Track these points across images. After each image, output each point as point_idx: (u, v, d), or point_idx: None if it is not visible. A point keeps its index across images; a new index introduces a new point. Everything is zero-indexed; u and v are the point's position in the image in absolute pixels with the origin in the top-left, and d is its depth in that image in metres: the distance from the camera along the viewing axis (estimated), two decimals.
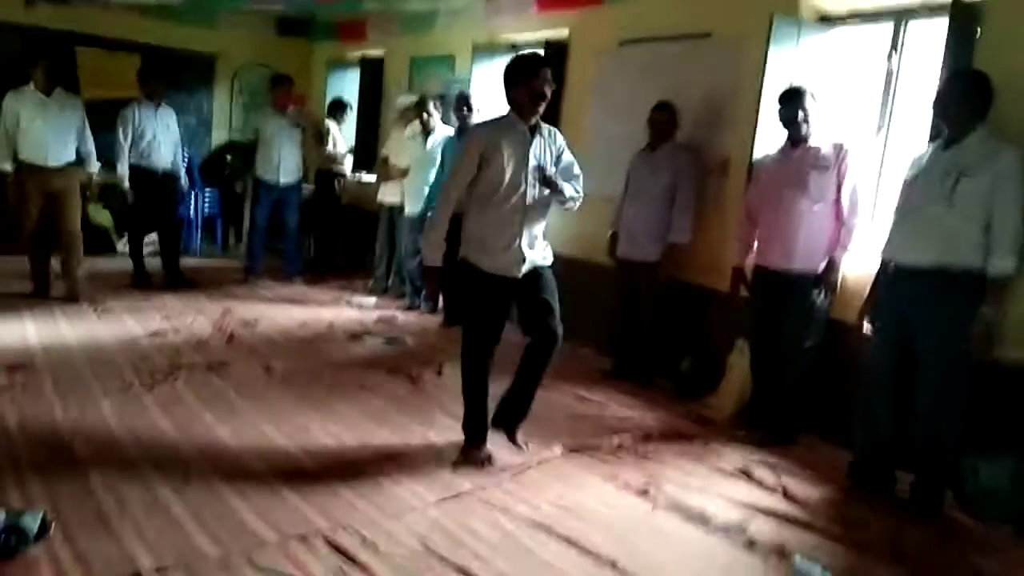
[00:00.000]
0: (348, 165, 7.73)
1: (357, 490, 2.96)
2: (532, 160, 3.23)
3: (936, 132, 3.32)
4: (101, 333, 4.83)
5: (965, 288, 3.04)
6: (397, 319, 5.89)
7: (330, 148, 7.41)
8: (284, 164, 6.65)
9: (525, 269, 3.28)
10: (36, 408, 3.51)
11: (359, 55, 8.17)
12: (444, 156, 5.60)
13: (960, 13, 3.42)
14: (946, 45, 3.45)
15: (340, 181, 7.60)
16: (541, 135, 3.28)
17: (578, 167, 3.40)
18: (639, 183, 4.59)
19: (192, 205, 8.04)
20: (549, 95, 3.20)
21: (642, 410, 4.19)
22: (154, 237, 6.51)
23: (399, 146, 6.37)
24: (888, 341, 3.29)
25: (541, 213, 3.34)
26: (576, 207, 3.41)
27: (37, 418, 3.40)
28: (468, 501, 2.95)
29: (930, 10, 3.77)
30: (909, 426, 3.23)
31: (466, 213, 3.33)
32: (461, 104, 5.52)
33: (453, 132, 5.70)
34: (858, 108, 4.15)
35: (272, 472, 3.07)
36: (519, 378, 3.40)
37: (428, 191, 5.72)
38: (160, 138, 6.13)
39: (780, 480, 3.35)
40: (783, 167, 3.82)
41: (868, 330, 3.42)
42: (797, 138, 3.78)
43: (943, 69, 3.39)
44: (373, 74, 7.89)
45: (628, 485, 3.20)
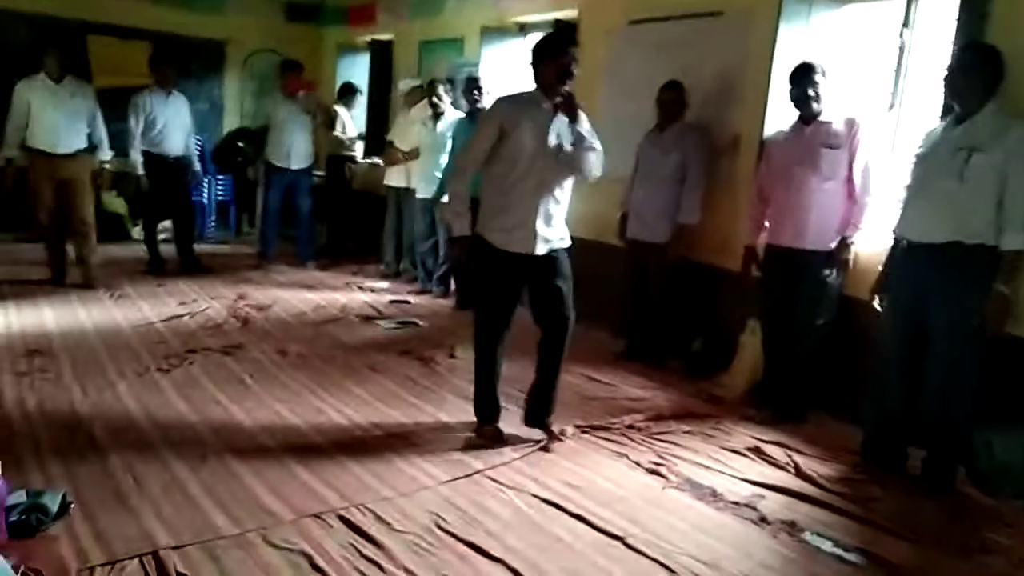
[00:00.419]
0: (359, 150, 7.75)
1: (370, 469, 3.00)
2: (552, 139, 3.22)
3: (948, 108, 3.29)
4: (117, 318, 4.89)
5: (977, 264, 3.02)
6: (410, 302, 5.92)
7: (339, 133, 7.43)
8: (295, 149, 6.68)
9: (541, 250, 3.26)
10: (55, 392, 3.57)
11: (368, 39, 8.16)
12: (455, 139, 5.61)
13: None
14: (958, 20, 3.41)
15: (351, 166, 7.62)
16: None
17: (598, 142, 3.31)
18: (648, 164, 4.57)
19: (205, 191, 8.10)
20: (575, 73, 3.20)
21: (654, 390, 4.20)
22: (168, 224, 6.56)
23: (403, 130, 6.41)
24: (900, 318, 3.28)
25: (559, 192, 3.31)
26: (593, 171, 3.31)
27: (56, 401, 3.46)
28: (480, 480, 2.98)
29: None
30: (921, 402, 3.23)
31: (482, 189, 3.33)
32: (471, 87, 5.51)
33: (464, 115, 5.70)
34: (870, 85, 4.10)
35: (286, 452, 3.11)
36: (539, 372, 3.42)
37: (441, 175, 5.74)
38: (172, 125, 6.16)
39: (791, 457, 3.35)
40: (794, 145, 3.80)
41: (880, 307, 3.41)
42: (808, 115, 3.76)
43: (954, 45, 3.35)
44: (383, 58, 7.87)
45: (639, 464, 3.22)
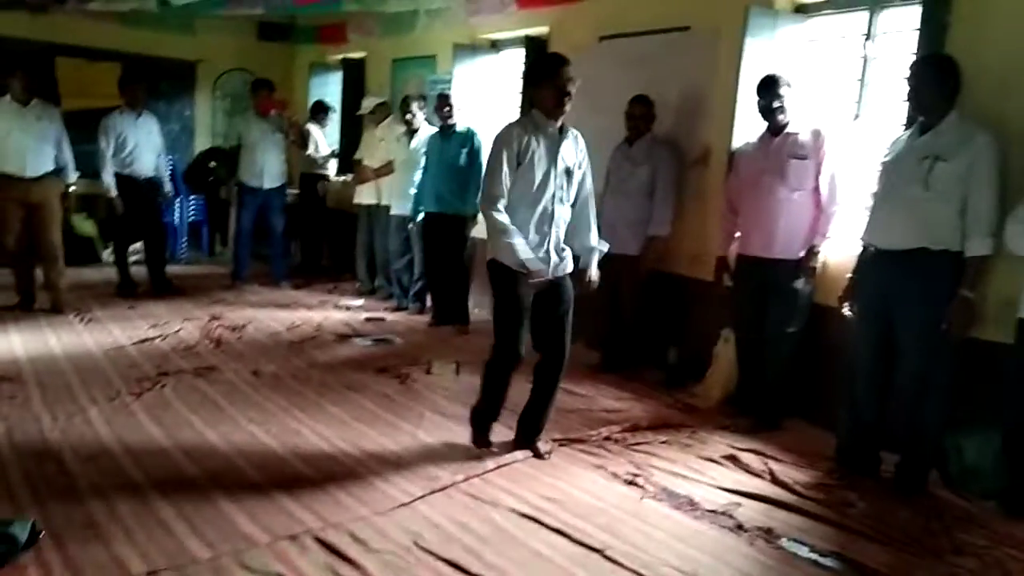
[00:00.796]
0: (332, 168, 7.74)
1: (347, 489, 2.97)
2: (561, 162, 3.22)
3: (912, 118, 3.35)
4: (88, 343, 4.82)
5: (944, 269, 3.09)
6: (385, 320, 5.90)
7: (312, 151, 7.42)
8: (268, 168, 6.67)
9: (553, 274, 3.27)
10: (23, 418, 3.50)
11: (340, 58, 8.17)
12: (428, 156, 5.62)
13: (932, 0, 3.45)
14: (919, 31, 3.49)
15: (324, 184, 7.61)
16: (567, 137, 3.27)
17: (590, 180, 3.38)
18: (619, 177, 4.62)
19: (177, 212, 8.02)
20: (574, 93, 3.15)
21: (630, 401, 4.22)
22: (140, 245, 6.50)
23: (371, 147, 6.45)
24: (870, 324, 3.33)
25: (567, 216, 3.33)
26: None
27: (24, 428, 3.39)
28: (457, 496, 2.97)
29: None
30: (892, 407, 3.27)
31: None
32: (442, 104, 5.53)
33: (436, 131, 5.71)
34: (835, 96, 4.18)
35: (261, 474, 3.07)
36: (534, 394, 3.43)
37: (416, 192, 5.75)
38: (142, 146, 6.12)
39: (767, 465, 3.38)
40: (762, 156, 3.86)
41: (850, 314, 3.45)
42: (775, 127, 3.82)
43: (916, 55, 3.43)
44: (355, 76, 7.88)
45: (617, 475, 3.22)
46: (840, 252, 3.78)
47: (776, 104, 3.74)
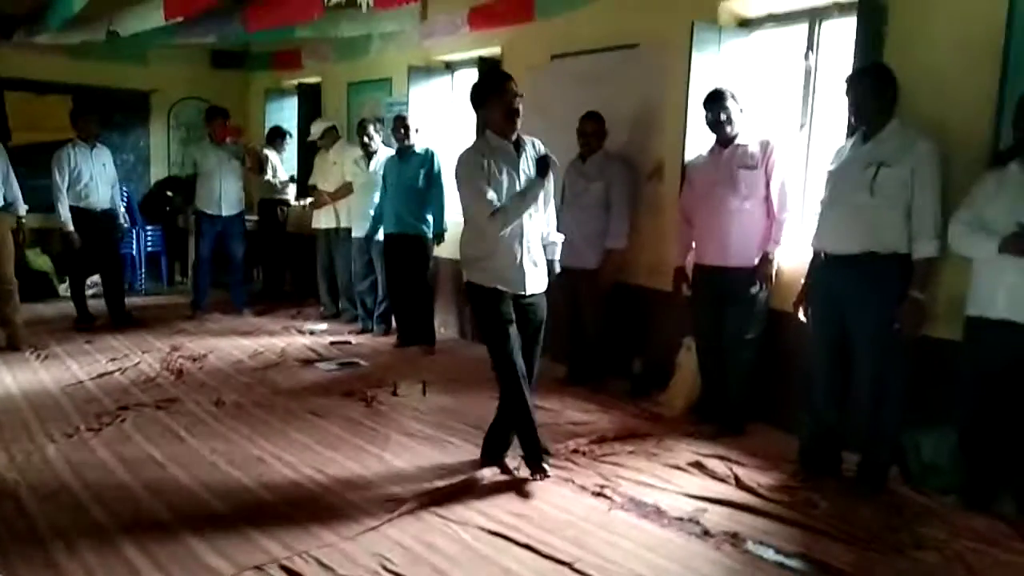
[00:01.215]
0: (291, 192, 7.71)
1: (313, 515, 2.95)
2: (523, 177, 3.24)
3: (853, 127, 3.45)
4: (44, 379, 4.72)
5: (893, 272, 3.16)
6: (351, 343, 5.87)
7: (270, 177, 7.40)
8: (225, 196, 6.62)
9: (530, 290, 3.29)
10: None
11: (296, 83, 8.16)
12: (386, 177, 5.63)
13: (868, 11, 3.56)
14: (856, 43, 3.60)
15: (283, 209, 7.58)
16: (525, 150, 3.28)
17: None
18: (574, 192, 4.68)
19: (135, 243, 7.90)
20: (521, 108, 3.17)
21: (597, 413, 4.24)
22: (96, 278, 6.39)
23: (324, 172, 6.49)
24: (825, 328, 3.40)
25: (539, 231, 3.36)
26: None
27: None
28: (426, 516, 2.96)
29: (840, 9, 3.91)
30: (851, 408, 3.34)
31: (464, 237, 3.34)
32: (399, 126, 5.55)
33: (393, 153, 5.73)
34: (781, 106, 4.29)
35: (226, 505, 3.04)
36: (500, 411, 3.43)
37: (375, 213, 5.75)
38: (97, 178, 6.05)
39: (732, 470, 3.42)
40: (713, 167, 3.94)
41: (804, 318, 3.53)
42: (724, 139, 3.90)
43: (855, 66, 3.54)
44: (311, 101, 7.87)
45: (584, 487, 3.24)
46: (793, 258, 3.86)
47: (723, 117, 3.83)
